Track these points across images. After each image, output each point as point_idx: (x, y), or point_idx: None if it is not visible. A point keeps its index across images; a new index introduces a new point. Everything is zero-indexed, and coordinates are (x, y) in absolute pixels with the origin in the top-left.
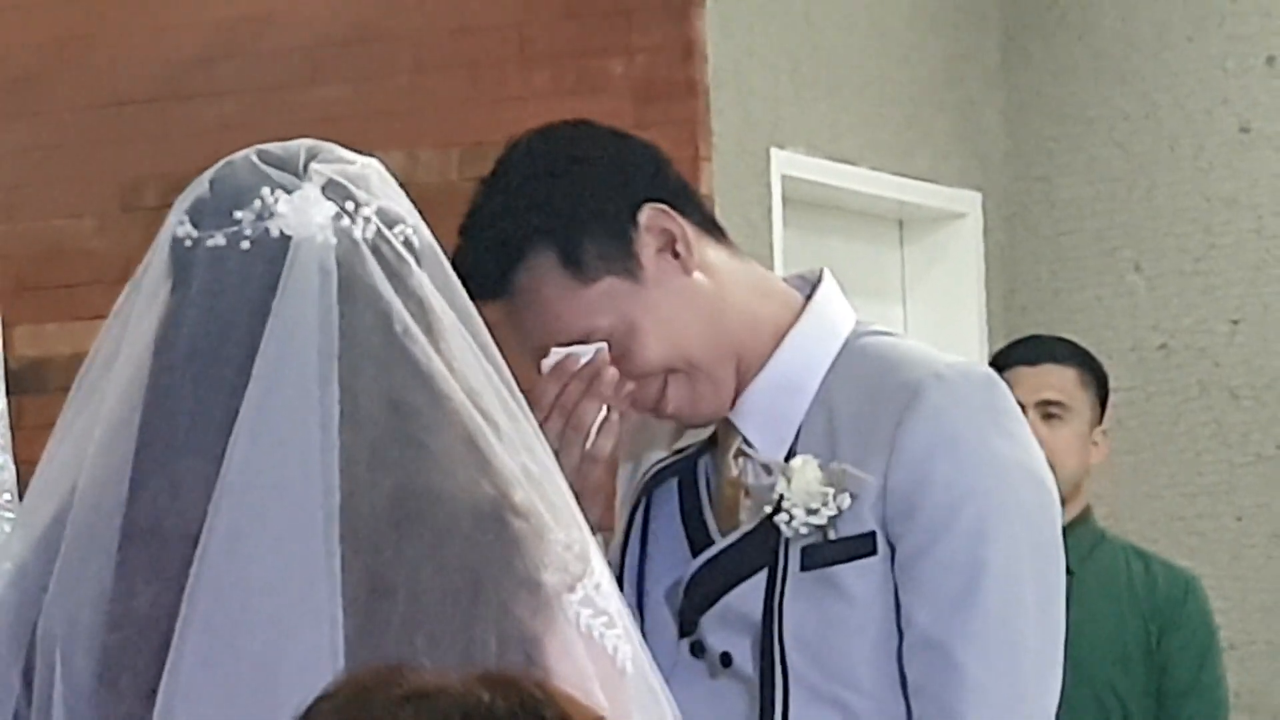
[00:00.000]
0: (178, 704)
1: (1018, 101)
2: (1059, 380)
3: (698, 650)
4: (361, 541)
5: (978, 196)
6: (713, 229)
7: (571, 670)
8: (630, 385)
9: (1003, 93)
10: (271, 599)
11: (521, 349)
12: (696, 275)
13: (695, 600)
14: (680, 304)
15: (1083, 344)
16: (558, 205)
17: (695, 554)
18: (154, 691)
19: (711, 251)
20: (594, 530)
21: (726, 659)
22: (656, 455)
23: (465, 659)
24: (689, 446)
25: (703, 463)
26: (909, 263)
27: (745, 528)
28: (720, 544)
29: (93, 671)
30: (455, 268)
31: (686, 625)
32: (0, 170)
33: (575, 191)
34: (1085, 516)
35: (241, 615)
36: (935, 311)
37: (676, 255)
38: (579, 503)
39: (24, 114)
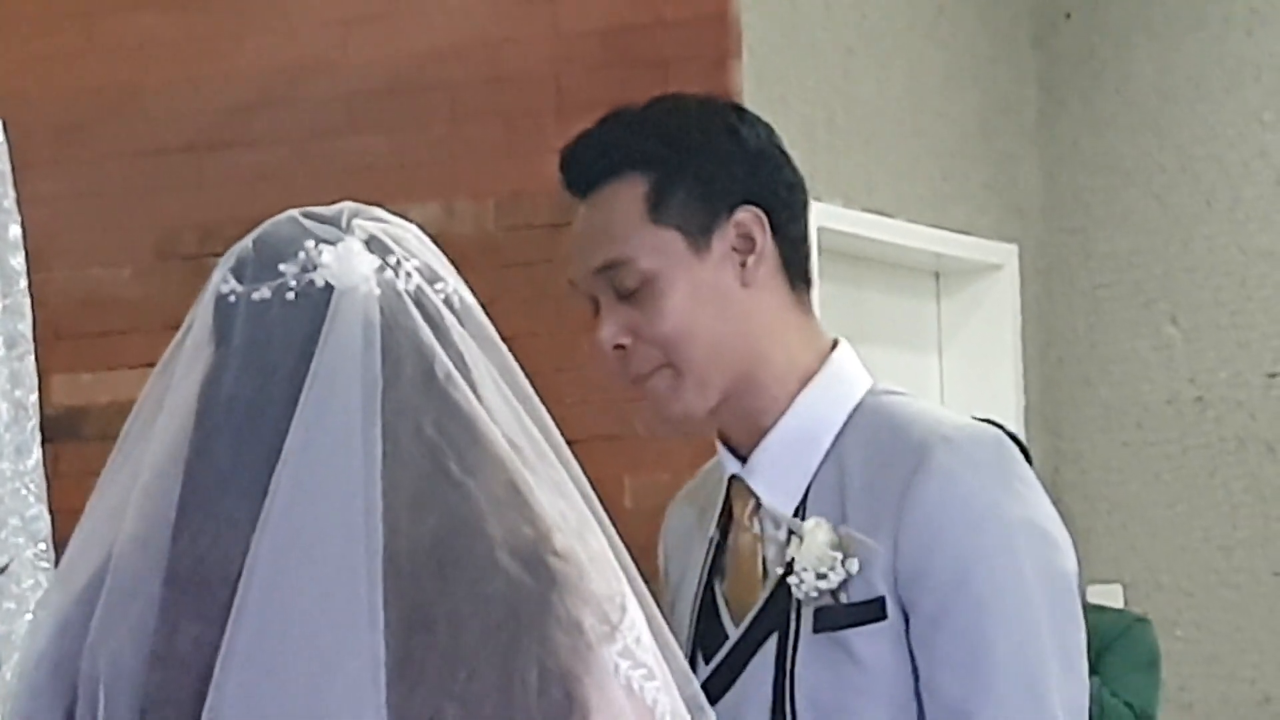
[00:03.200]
0: None
1: (1055, 154)
2: None
3: None
4: (403, 579)
5: (1014, 249)
6: (798, 278)
7: (610, 714)
8: (628, 340)
9: (1039, 145)
10: (313, 635)
11: (576, 257)
12: (747, 291)
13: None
14: (715, 300)
15: (1120, 397)
16: (682, 150)
17: (704, 649)
18: None
19: (776, 289)
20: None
21: None
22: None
23: (505, 695)
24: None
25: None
26: (945, 314)
27: (753, 613)
28: (733, 638)
29: (135, 710)
30: (565, 151)
31: None
32: (37, 218)
33: (707, 149)
34: None
35: (282, 652)
36: (972, 363)
37: (744, 265)
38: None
39: (62, 162)
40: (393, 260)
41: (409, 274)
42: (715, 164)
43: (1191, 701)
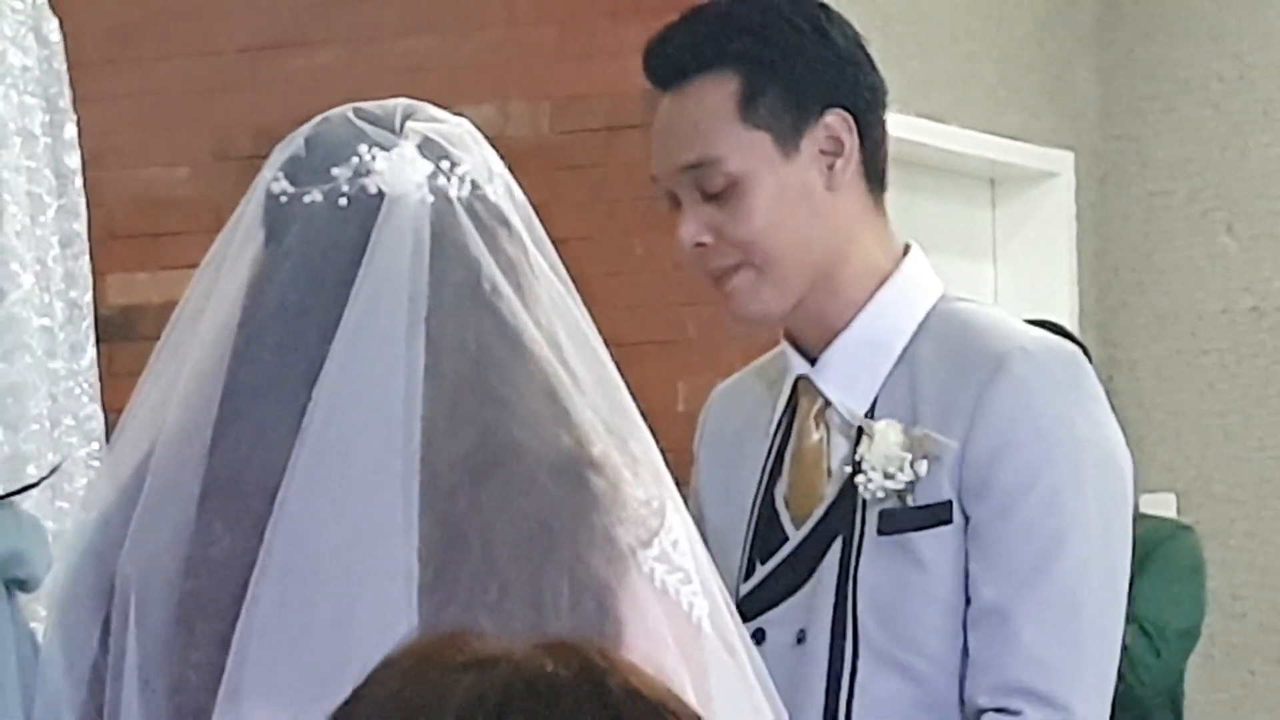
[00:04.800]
0: (251, 651)
1: (1110, 61)
2: None
3: (758, 637)
4: (439, 492)
5: (1070, 156)
6: (876, 181)
7: (644, 624)
8: (709, 239)
9: (1095, 52)
10: (348, 548)
11: (659, 152)
12: (832, 194)
13: (760, 600)
14: (801, 203)
15: (1175, 305)
16: (774, 49)
17: (761, 551)
18: (229, 638)
19: (858, 192)
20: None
21: (801, 636)
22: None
23: (537, 608)
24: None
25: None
26: (1000, 222)
27: (819, 514)
28: (794, 540)
29: (168, 617)
30: (652, 42)
31: (745, 613)
32: (92, 118)
33: (799, 50)
34: None
35: (318, 564)
36: (1026, 271)
37: (831, 168)
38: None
39: (117, 63)
40: (446, 166)
41: (461, 179)
42: (806, 65)
43: (1245, 611)
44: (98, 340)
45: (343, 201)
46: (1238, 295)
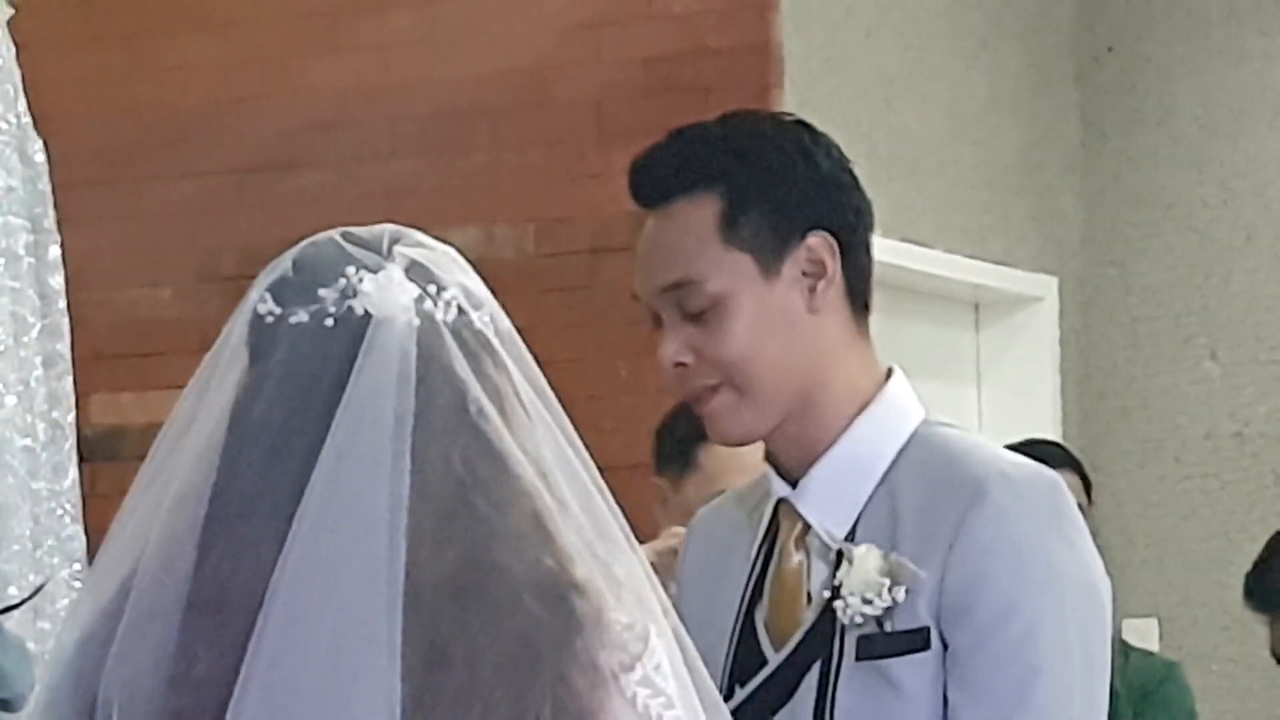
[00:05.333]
0: None
1: (1095, 187)
2: (1072, 486)
3: None
4: (423, 613)
5: (1054, 281)
6: (859, 304)
7: None
8: (690, 359)
9: (1080, 178)
10: (330, 667)
11: (641, 272)
12: (814, 316)
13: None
14: (782, 325)
15: (1159, 431)
16: (758, 171)
17: (740, 675)
18: None
19: (841, 315)
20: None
21: None
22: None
23: None
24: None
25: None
26: (984, 346)
27: (797, 638)
28: (773, 664)
29: None
30: (637, 161)
31: None
32: (79, 239)
33: (782, 172)
34: None
35: (300, 682)
36: (1010, 395)
37: (812, 290)
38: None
39: (103, 183)
40: (432, 290)
41: (448, 303)
42: (789, 187)
43: None
44: (81, 460)
45: (329, 322)
46: (1221, 420)
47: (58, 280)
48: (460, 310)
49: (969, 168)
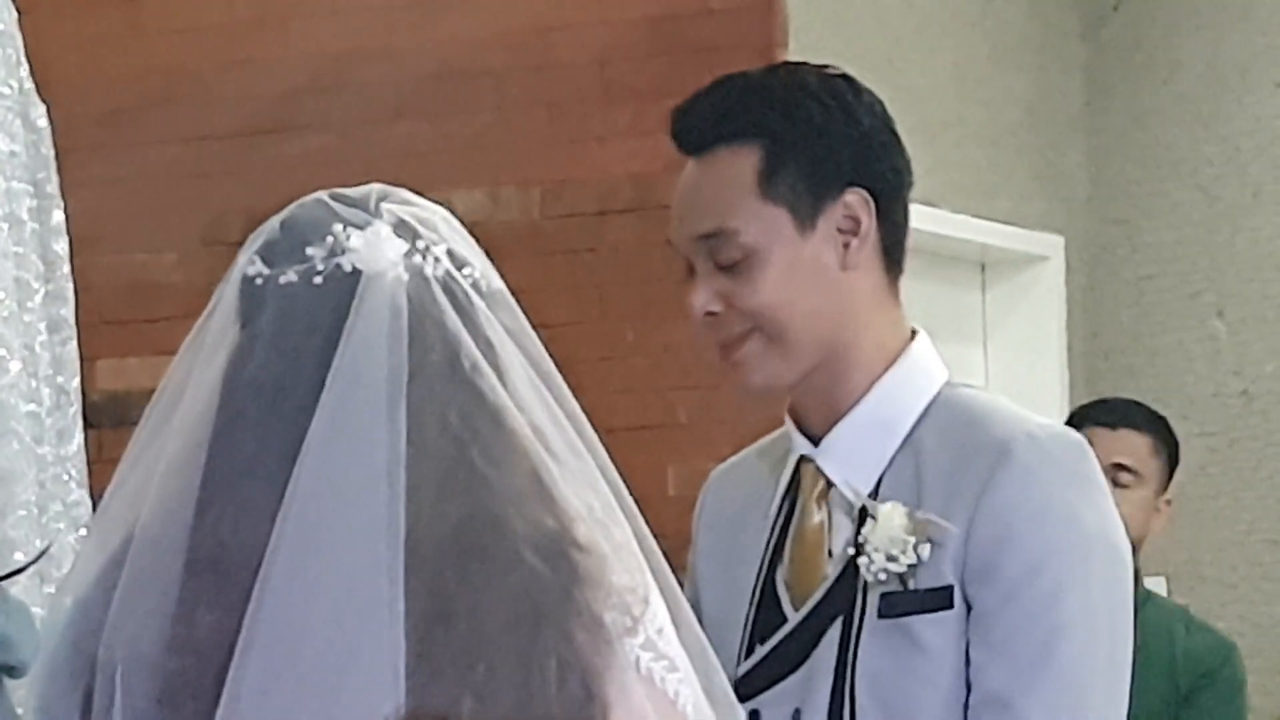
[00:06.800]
0: None
1: (1101, 145)
2: (1134, 446)
3: (753, 719)
4: (424, 570)
5: (1060, 240)
6: (893, 263)
7: (630, 709)
8: (720, 308)
9: (1086, 136)
10: (331, 626)
11: (678, 219)
12: (846, 273)
13: (757, 680)
14: (813, 279)
15: (1165, 389)
16: (800, 125)
17: (761, 632)
18: (213, 717)
19: (874, 273)
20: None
21: (796, 716)
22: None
23: (523, 688)
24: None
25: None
26: (991, 305)
27: (819, 595)
28: (793, 621)
29: (153, 697)
30: (680, 108)
31: (741, 694)
32: (84, 203)
33: (823, 128)
34: (1136, 579)
35: (301, 641)
36: (1017, 354)
37: (846, 246)
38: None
39: (107, 147)
40: (421, 245)
41: (437, 259)
42: (829, 143)
43: None
44: (87, 425)
45: (318, 280)
46: (1228, 379)
47: (62, 245)
48: (450, 265)
49: (974, 127)
